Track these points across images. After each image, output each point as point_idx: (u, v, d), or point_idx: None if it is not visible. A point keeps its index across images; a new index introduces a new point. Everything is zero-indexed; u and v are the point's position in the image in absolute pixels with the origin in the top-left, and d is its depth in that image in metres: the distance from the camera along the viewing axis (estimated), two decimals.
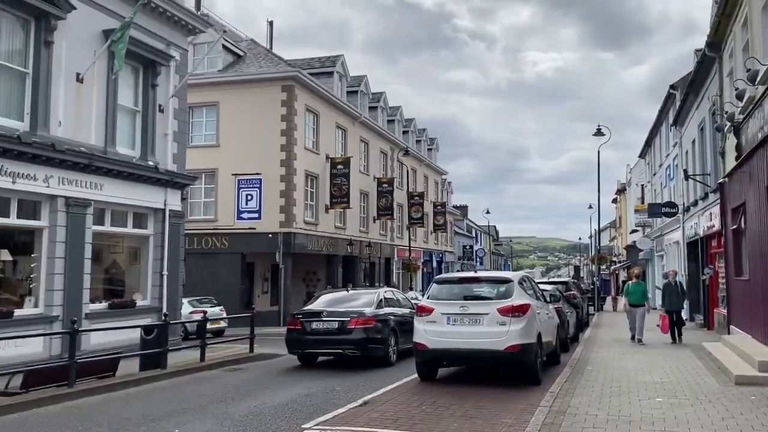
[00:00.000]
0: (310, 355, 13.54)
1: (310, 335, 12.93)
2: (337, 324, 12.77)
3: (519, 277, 10.78)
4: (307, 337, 12.97)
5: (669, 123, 28.64)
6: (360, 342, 12.57)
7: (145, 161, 16.24)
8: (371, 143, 38.01)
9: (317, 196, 30.54)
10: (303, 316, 13.32)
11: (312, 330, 12.94)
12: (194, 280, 28.08)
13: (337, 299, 14.22)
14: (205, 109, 28.98)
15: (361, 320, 12.63)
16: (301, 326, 13.12)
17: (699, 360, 12.27)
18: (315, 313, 13.30)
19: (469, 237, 73.83)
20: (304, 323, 13.10)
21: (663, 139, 30.38)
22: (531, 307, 10.01)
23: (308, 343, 13.02)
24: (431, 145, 54.23)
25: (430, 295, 10.50)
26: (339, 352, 12.96)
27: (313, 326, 12.97)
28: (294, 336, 13.24)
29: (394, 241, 42.51)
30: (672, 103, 26.28)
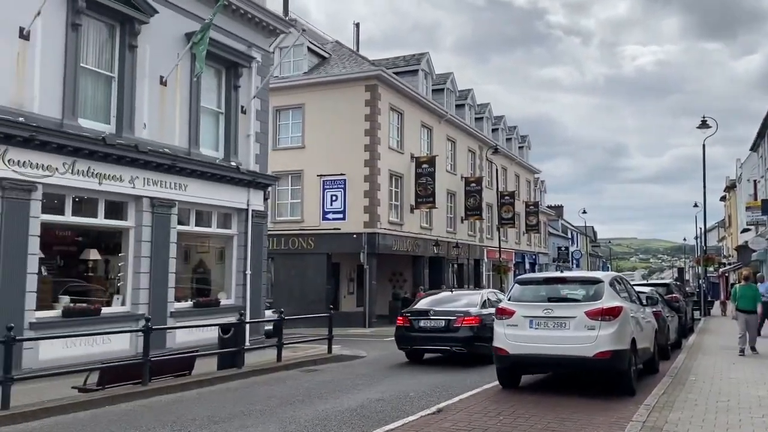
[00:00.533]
0: (417, 352, 14.02)
1: (419, 332, 13.54)
2: (444, 322, 13.32)
3: (610, 277, 9.85)
4: (415, 335, 13.60)
5: None
6: (466, 340, 12.97)
7: (228, 162, 16.42)
8: (458, 142, 37.25)
9: (402, 196, 30.17)
10: (411, 315, 13.97)
11: (419, 328, 13.55)
12: (281, 280, 28.49)
13: (441, 299, 14.90)
14: (291, 112, 29.32)
15: (468, 319, 13.08)
16: (409, 324, 13.77)
17: None
18: (422, 311, 13.93)
19: (565, 238, 71.24)
20: (412, 321, 13.75)
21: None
22: (624, 310, 9.09)
23: (417, 340, 13.60)
24: (522, 142, 52.65)
25: (511, 296, 9.79)
26: (446, 349, 13.38)
27: (420, 324, 13.57)
28: (402, 333, 13.89)
29: (484, 242, 41.49)
30: None
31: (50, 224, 12.39)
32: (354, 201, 27.54)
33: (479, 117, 42.51)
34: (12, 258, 11.21)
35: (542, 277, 10.14)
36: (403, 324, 13.91)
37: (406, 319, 13.87)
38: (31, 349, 11.49)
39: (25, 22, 11.62)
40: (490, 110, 44.34)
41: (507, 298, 9.83)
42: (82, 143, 12.28)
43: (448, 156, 36.19)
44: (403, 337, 13.87)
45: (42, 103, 11.96)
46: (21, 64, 11.65)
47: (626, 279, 11.39)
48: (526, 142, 53.05)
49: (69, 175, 12.29)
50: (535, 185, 56.46)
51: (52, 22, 12.15)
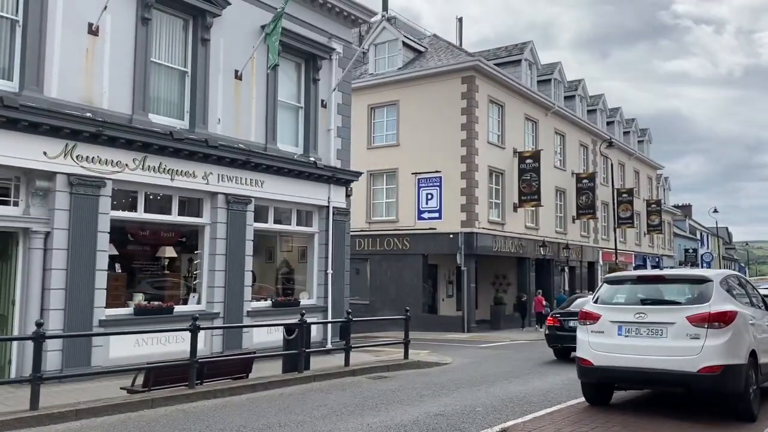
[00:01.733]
0: (566, 350, 14.58)
1: (568, 332, 13.99)
2: None
3: (722, 276, 8.08)
4: (564, 334, 14.41)
5: None
6: None
7: (307, 157, 15.88)
8: (568, 135, 34.92)
9: (503, 194, 28.53)
10: (561, 316, 15.16)
11: (569, 327, 14.06)
12: (377, 282, 27.83)
13: (587, 301, 14.85)
14: (385, 109, 28.64)
15: None
16: (559, 324, 14.90)
17: None
18: (571, 313, 14.30)
19: (693, 239, 65.59)
20: (561, 321, 14.84)
21: None
22: (739, 316, 7.37)
23: (566, 339, 14.06)
24: (642, 136, 48.90)
25: (597, 297, 8.32)
26: None
27: (570, 324, 14.10)
28: (553, 332, 15.10)
29: (599, 243, 38.69)
30: None
31: (122, 221, 12.34)
32: (450, 199, 26.36)
33: (592, 109, 39.76)
34: (81, 255, 11.17)
35: (635, 275, 8.37)
36: (553, 324, 15.13)
37: (556, 320, 15.07)
38: (100, 346, 11.42)
39: (94, 17, 11.60)
40: (605, 101, 41.38)
41: (593, 300, 8.34)
42: (150, 138, 12.12)
43: (556, 151, 34.01)
44: (552, 337, 15.10)
45: (111, 99, 11.91)
46: (90, 59, 11.65)
47: (746, 279, 9.41)
48: (646, 136, 49.20)
49: (140, 171, 12.16)
50: (658, 182, 52.26)
51: (121, 17, 12.10)
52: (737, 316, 7.32)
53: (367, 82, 28.63)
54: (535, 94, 30.87)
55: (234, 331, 13.76)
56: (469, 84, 26.45)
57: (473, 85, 26.45)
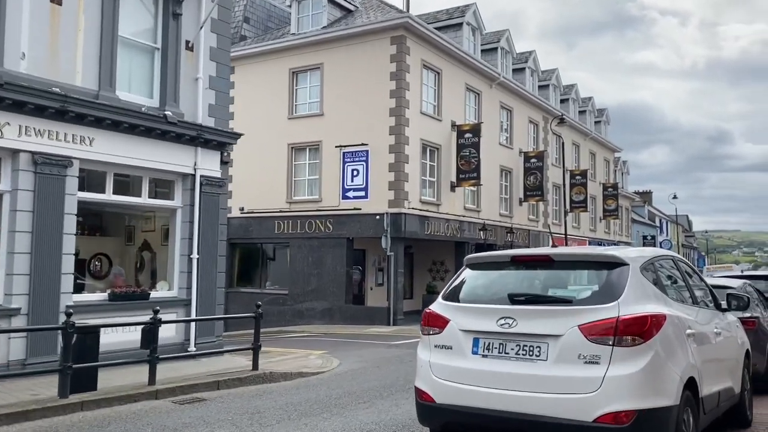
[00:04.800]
0: None
1: None
2: None
3: (645, 258, 4.98)
4: None
5: None
6: None
7: (163, 111, 12.59)
8: (516, 111, 32.12)
9: (439, 172, 25.59)
10: None
11: None
12: (297, 269, 24.77)
13: None
14: (309, 74, 25.39)
15: None
16: None
17: None
18: None
19: (652, 226, 63.89)
20: None
21: None
22: (667, 324, 4.44)
23: None
24: (600, 116, 46.50)
25: (449, 290, 5.30)
26: None
27: None
28: None
29: (550, 227, 36.10)
30: None
31: None
32: (378, 176, 23.33)
33: (544, 84, 37.07)
34: None
35: (509, 254, 5.05)
36: None
37: None
38: None
39: None
40: (558, 77, 38.70)
41: (442, 295, 5.27)
42: None
43: (502, 127, 31.20)
44: None
45: None
46: None
47: (684, 262, 6.25)
48: (604, 116, 46.82)
49: None
50: (616, 166, 50.06)
51: None
52: (666, 325, 4.37)
53: (288, 43, 25.36)
54: (478, 62, 27.92)
55: (42, 334, 10.49)
56: (398, 45, 23.34)
57: (404, 47, 23.36)
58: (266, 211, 25.46)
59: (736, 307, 6.30)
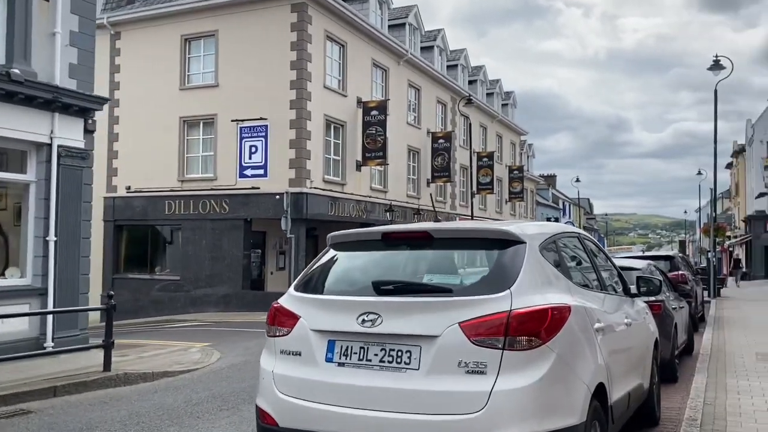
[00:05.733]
0: None
1: None
2: None
3: (546, 235, 4.00)
4: None
5: None
6: None
7: (8, 69, 10.68)
8: (424, 90, 31.39)
9: (345, 150, 24.45)
10: None
11: None
12: (192, 253, 23.03)
13: None
14: (203, 41, 23.49)
15: None
16: None
17: None
18: None
19: (555, 209, 65.63)
20: None
21: None
22: (572, 316, 3.52)
23: None
24: (507, 99, 46.73)
25: (301, 280, 4.08)
26: None
27: None
28: None
29: (457, 209, 35.86)
30: None
31: None
32: (278, 153, 21.90)
33: (452, 64, 36.55)
34: None
35: (379, 231, 3.96)
36: None
37: None
38: None
39: None
40: (467, 57, 38.33)
41: (295, 285, 4.06)
42: None
43: (410, 106, 30.40)
44: None
45: None
46: None
47: (590, 240, 5.16)
48: (511, 99, 47.13)
49: None
50: (522, 149, 50.69)
51: None
52: (571, 319, 3.45)
53: (179, 7, 23.32)
54: (385, 37, 26.88)
55: None
56: (299, 13, 21.89)
57: (305, 15, 21.94)
58: (156, 191, 23.48)
59: (647, 292, 5.59)
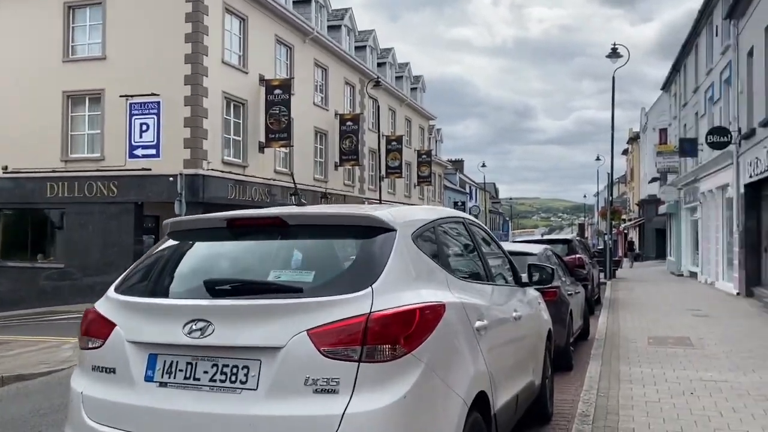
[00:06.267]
0: None
1: None
2: None
3: (420, 222, 3.37)
4: None
5: (713, 29, 21.21)
6: None
7: None
8: (331, 70, 30.57)
9: (246, 130, 23.33)
10: None
11: None
12: (77, 239, 21.35)
13: None
14: (88, 9, 21.62)
15: None
16: None
17: None
18: None
19: (463, 193, 66.68)
20: None
21: (703, 53, 22.93)
22: (448, 317, 2.99)
23: None
24: (416, 83, 46.65)
25: (124, 278, 3.30)
26: None
27: None
28: None
29: (365, 193, 35.41)
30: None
31: None
32: (171, 132, 20.51)
33: (361, 45, 35.88)
34: None
35: (224, 217, 3.20)
36: None
37: None
38: None
39: None
40: (375, 39, 37.78)
41: (115, 286, 3.25)
42: None
43: (317, 86, 29.52)
44: None
45: None
46: None
47: (478, 225, 4.67)
48: (420, 83, 47.09)
49: None
50: (430, 133, 50.91)
51: None
52: (445, 319, 2.92)
53: None
54: (290, 13, 25.80)
55: None
56: None
57: None
58: (36, 171, 21.51)
59: (539, 281, 5.24)
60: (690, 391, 6.05)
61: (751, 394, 5.87)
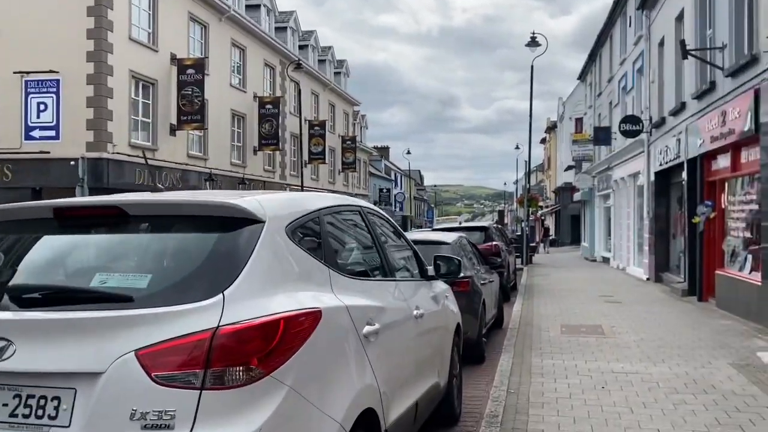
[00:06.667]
0: None
1: None
2: None
3: (299, 212, 2.84)
4: None
5: (626, 19, 21.69)
6: None
7: None
8: (250, 51, 29.45)
9: (156, 111, 22.05)
10: None
11: None
12: None
13: None
14: None
15: None
16: None
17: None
18: None
19: (388, 180, 66.62)
20: None
21: (617, 43, 23.46)
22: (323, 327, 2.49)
23: None
24: (339, 67, 45.88)
25: None
26: None
27: None
28: None
29: (287, 179, 34.55)
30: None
31: None
32: (73, 112, 19.09)
33: (282, 26, 34.81)
34: None
35: (50, 205, 2.61)
36: None
37: None
38: None
39: None
40: (297, 20, 36.78)
41: None
42: None
43: (235, 67, 28.37)
44: None
45: None
46: None
47: (377, 214, 4.08)
48: (343, 68, 46.36)
49: None
50: (355, 119, 50.36)
51: None
52: (319, 328, 2.45)
53: None
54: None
55: None
56: None
57: None
58: None
59: (447, 273, 4.87)
60: (601, 384, 5.88)
61: (662, 387, 5.76)
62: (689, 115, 13.30)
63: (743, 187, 10.67)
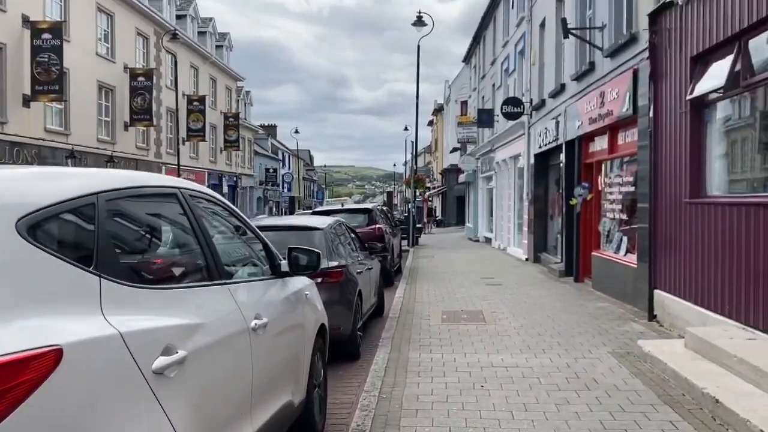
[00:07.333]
0: None
1: None
2: None
3: (28, 187, 1.97)
4: None
5: (510, 1, 21.76)
6: None
7: None
8: (119, 17, 27.02)
9: (5, 79, 19.60)
10: None
11: None
12: None
13: None
14: None
15: None
16: None
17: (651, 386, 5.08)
18: None
19: (275, 159, 64.77)
20: None
21: (500, 25, 23.56)
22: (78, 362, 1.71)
23: None
24: (221, 40, 43.61)
25: None
26: None
27: None
28: None
29: (162, 157, 32.35)
30: None
31: None
32: None
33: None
34: None
35: None
36: None
37: None
38: None
39: None
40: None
41: None
42: None
43: (102, 35, 25.91)
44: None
45: None
46: None
47: (208, 198, 3.22)
48: (226, 41, 44.12)
49: None
50: (239, 95, 48.25)
51: None
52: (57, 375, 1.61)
53: None
54: None
55: None
56: None
57: None
58: None
59: (305, 267, 4.13)
60: (481, 383, 5.41)
61: (543, 384, 5.37)
62: (568, 96, 13.33)
63: (620, 168, 10.73)
